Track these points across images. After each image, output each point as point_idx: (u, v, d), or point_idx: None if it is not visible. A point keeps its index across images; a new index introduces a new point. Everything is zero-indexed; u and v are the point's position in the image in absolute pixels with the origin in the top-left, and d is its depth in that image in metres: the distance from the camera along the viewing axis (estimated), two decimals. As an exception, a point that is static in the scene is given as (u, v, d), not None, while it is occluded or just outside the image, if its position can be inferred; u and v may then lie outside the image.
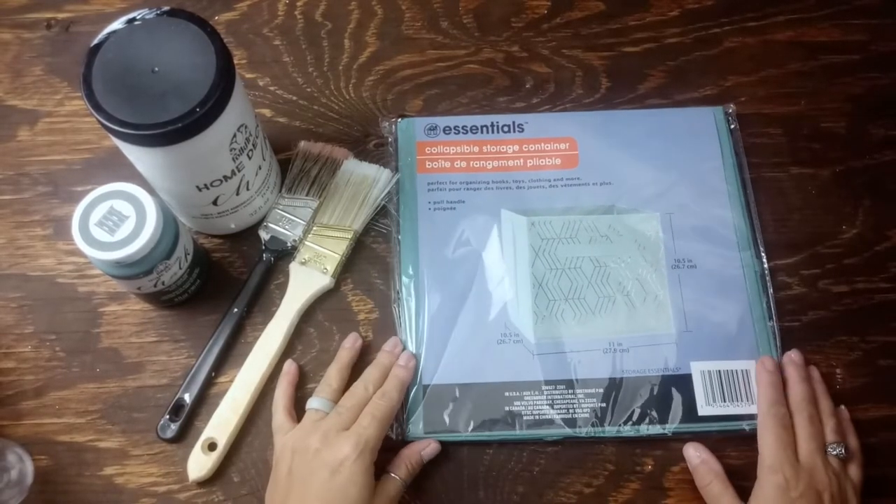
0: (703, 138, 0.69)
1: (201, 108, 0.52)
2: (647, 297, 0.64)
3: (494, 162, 0.68)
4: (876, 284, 0.66)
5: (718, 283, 0.64)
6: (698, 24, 0.75)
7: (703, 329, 0.63)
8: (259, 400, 0.62)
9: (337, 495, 0.53)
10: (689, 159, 0.68)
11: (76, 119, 0.71)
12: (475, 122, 0.70)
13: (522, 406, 0.61)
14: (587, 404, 0.60)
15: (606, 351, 0.62)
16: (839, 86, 0.73)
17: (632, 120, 0.70)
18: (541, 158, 0.69)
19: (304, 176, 0.68)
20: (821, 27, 0.75)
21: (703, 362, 0.62)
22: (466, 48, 0.74)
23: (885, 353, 0.64)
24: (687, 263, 0.65)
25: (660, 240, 0.66)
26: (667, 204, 0.67)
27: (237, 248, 0.67)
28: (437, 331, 0.63)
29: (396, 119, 0.70)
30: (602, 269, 0.64)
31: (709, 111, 0.71)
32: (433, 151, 0.69)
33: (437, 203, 0.67)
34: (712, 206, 0.67)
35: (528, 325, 0.63)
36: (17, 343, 0.64)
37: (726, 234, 0.66)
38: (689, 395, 0.61)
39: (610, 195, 0.67)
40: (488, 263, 0.65)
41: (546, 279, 0.64)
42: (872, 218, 0.68)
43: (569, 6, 0.76)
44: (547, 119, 0.71)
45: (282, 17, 0.75)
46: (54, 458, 0.61)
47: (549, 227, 0.66)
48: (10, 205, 0.69)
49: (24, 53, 0.74)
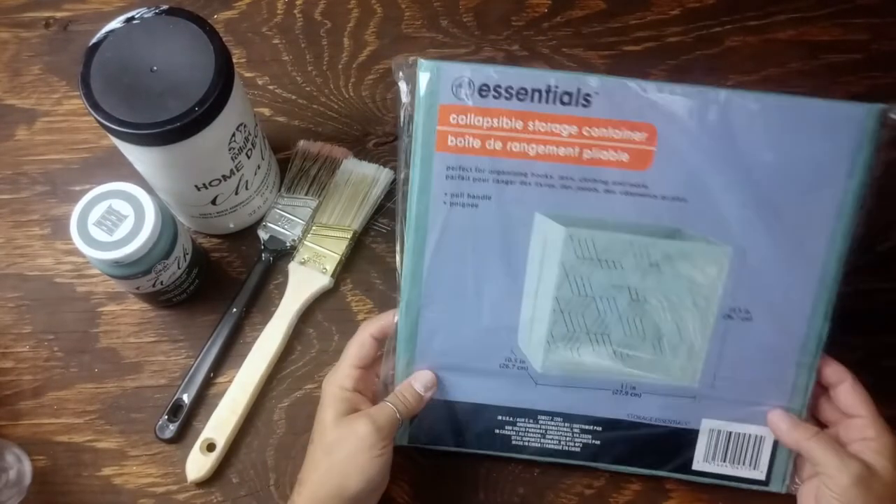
0: (832, 153, 0.50)
1: (200, 107, 0.52)
2: (681, 346, 0.53)
3: (540, 147, 0.50)
4: (879, 285, 0.66)
5: (771, 346, 0.53)
6: (699, 23, 0.75)
7: (731, 389, 0.54)
8: (258, 400, 0.62)
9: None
10: (804, 182, 0.51)
11: (74, 118, 0.71)
12: (524, 83, 0.50)
13: (513, 432, 0.56)
14: (580, 439, 0.56)
15: (616, 392, 0.55)
16: (841, 85, 0.72)
17: (745, 108, 0.50)
18: (603, 150, 0.50)
19: (304, 175, 0.67)
20: (822, 26, 0.74)
21: (716, 421, 0.55)
22: (466, 47, 0.74)
23: (888, 354, 0.64)
24: (742, 314, 0.53)
25: (720, 281, 0.52)
26: (746, 237, 0.51)
27: (236, 248, 0.67)
28: (435, 346, 0.55)
29: (414, 60, 0.50)
30: (638, 306, 0.52)
31: (856, 112, 0.49)
32: (460, 122, 0.50)
33: (456, 196, 0.51)
34: (803, 252, 0.51)
35: (537, 355, 0.54)
36: (15, 343, 0.64)
37: (803, 290, 0.52)
38: (689, 450, 0.56)
39: (679, 215, 0.51)
40: (506, 278, 0.53)
41: (571, 307, 0.53)
42: (874, 218, 0.68)
43: (569, 5, 0.76)
44: (627, 88, 0.50)
45: (281, 16, 0.75)
46: (52, 459, 0.61)
47: (590, 246, 0.51)
48: (8, 204, 0.69)
49: (22, 52, 0.74)
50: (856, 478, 0.50)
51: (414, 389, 0.55)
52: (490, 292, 0.53)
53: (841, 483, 0.50)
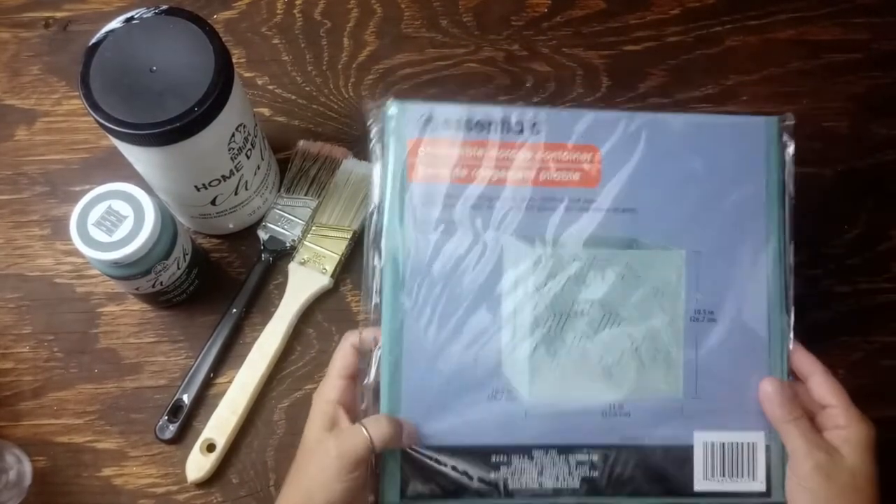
0: (747, 156, 0.56)
1: (199, 107, 0.52)
2: (658, 355, 0.55)
3: (501, 172, 0.55)
4: (878, 285, 0.66)
5: (738, 344, 0.55)
6: (699, 23, 0.75)
7: (713, 395, 0.55)
8: (258, 400, 0.62)
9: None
10: (730, 183, 0.56)
11: (74, 118, 0.71)
12: (482, 116, 0.55)
13: (508, 473, 0.54)
14: (578, 473, 0.54)
15: (606, 414, 0.54)
16: (841, 85, 0.72)
17: (668, 127, 0.56)
18: (556, 171, 0.55)
19: (303, 175, 0.67)
20: (823, 26, 0.74)
21: (707, 433, 0.55)
22: (466, 47, 0.74)
23: (888, 354, 0.64)
24: (707, 316, 0.55)
25: (681, 285, 0.55)
26: (695, 239, 0.55)
27: (236, 249, 0.67)
28: (417, 384, 0.53)
29: (385, 102, 0.55)
30: (612, 318, 0.54)
31: (758, 123, 0.57)
32: (428, 153, 0.54)
33: (428, 224, 0.54)
34: (747, 247, 0.56)
35: (523, 381, 0.54)
36: (15, 343, 0.64)
37: (755, 285, 0.55)
38: (688, 469, 0.55)
39: (633, 225, 0.55)
40: (482, 304, 0.54)
41: (548, 327, 0.54)
42: (875, 218, 0.68)
43: (569, 4, 0.75)
44: (567, 118, 0.56)
45: (280, 16, 0.75)
46: (52, 460, 0.61)
47: (559, 263, 0.54)
48: (7, 205, 0.69)
49: (21, 52, 0.74)
50: (818, 465, 0.51)
51: (395, 419, 0.52)
52: (470, 319, 0.54)
53: (804, 468, 0.51)
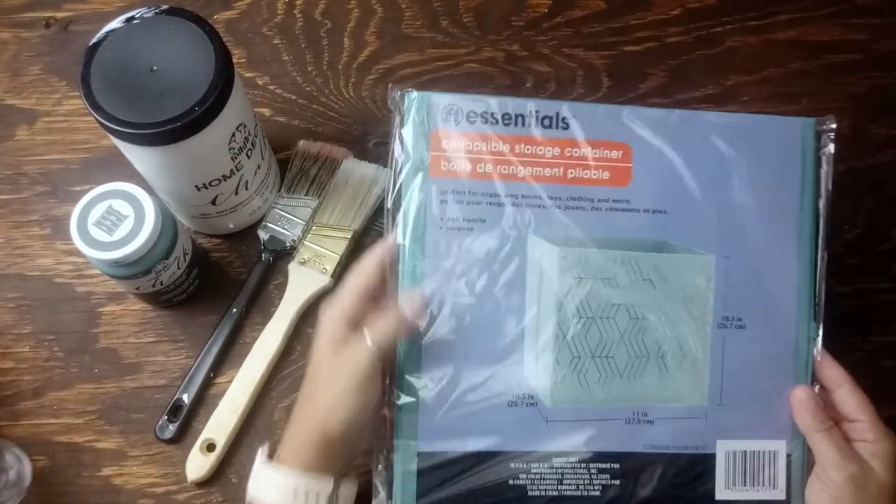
0: (783, 159, 0.55)
1: (200, 107, 0.52)
2: (685, 362, 0.53)
3: (527, 169, 0.53)
4: (878, 285, 0.66)
5: (765, 351, 0.54)
6: (700, 23, 0.75)
7: (738, 403, 0.54)
8: (258, 400, 0.62)
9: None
10: (764, 186, 0.55)
11: (74, 118, 0.71)
12: (510, 109, 0.53)
13: (528, 480, 0.53)
14: (599, 481, 0.53)
15: (629, 421, 0.53)
16: (841, 85, 0.72)
17: (703, 125, 0.54)
18: (586, 169, 0.53)
19: (304, 175, 0.67)
20: (823, 26, 0.74)
21: (730, 441, 0.54)
22: (466, 47, 0.74)
23: (888, 354, 0.64)
24: (736, 323, 0.54)
25: (710, 290, 0.53)
26: (727, 244, 0.54)
27: (236, 248, 0.67)
28: (435, 387, 0.52)
29: (407, 92, 0.53)
30: (638, 323, 0.53)
31: (795, 124, 0.55)
32: (452, 147, 0.52)
33: (451, 220, 0.52)
34: (777, 253, 0.54)
35: (545, 386, 0.52)
36: (16, 343, 0.64)
37: (786, 292, 0.54)
38: (710, 477, 0.54)
39: (663, 227, 0.53)
40: (505, 305, 0.52)
41: (573, 330, 0.52)
42: (875, 218, 0.68)
43: (570, 5, 0.75)
44: (599, 113, 0.54)
45: (281, 16, 0.75)
46: (52, 459, 0.61)
47: (585, 263, 0.52)
48: (8, 204, 0.69)
49: (22, 52, 0.74)
50: (851, 476, 0.51)
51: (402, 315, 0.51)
52: (491, 321, 0.52)
53: (837, 478, 0.51)
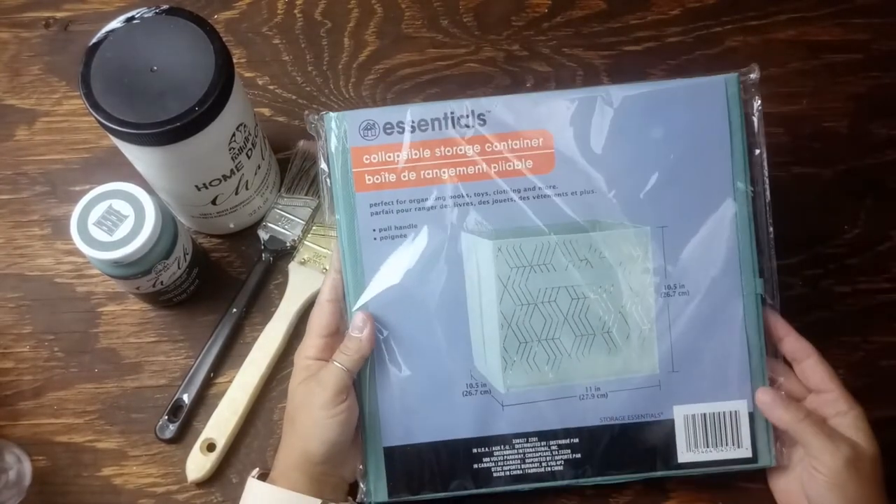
0: (709, 120, 0.55)
1: (200, 107, 0.52)
2: (631, 334, 0.55)
3: (451, 170, 0.54)
4: (878, 285, 0.66)
5: (713, 314, 0.55)
6: (700, 23, 0.75)
7: (691, 368, 0.55)
8: (258, 400, 0.62)
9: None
10: (693, 150, 0.55)
11: (74, 118, 0.71)
12: (424, 115, 0.54)
13: (492, 463, 0.55)
14: (560, 456, 0.55)
15: (583, 397, 0.55)
16: (841, 85, 0.72)
17: (622, 100, 0.54)
18: (508, 161, 0.54)
19: (304, 175, 0.67)
20: (822, 26, 0.74)
21: (687, 405, 0.55)
22: (466, 47, 0.74)
23: (888, 354, 0.64)
24: (679, 290, 0.55)
25: (648, 261, 0.54)
26: (660, 213, 0.54)
27: (236, 248, 0.67)
28: (393, 385, 0.55)
29: (322, 114, 0.55)
30: (580, 303, 0.54)
31: (719, 81, 0.55)
32: (373, 160, 0.54)
33: (383, 231, 0.54)
34: (713, 215, 0.55)
35: (496, 373, 0.54)
36: (16, 343, 0.64)
37: (727, 252, 0.55)
38: (671, 442, 0.55)
39: (592, 207, 0.54)
40: (448, 302, 0.55)
41: (516, 317, 0.54)
42: (874, 218, 0.68)
43: (570, 5, 0.75)
44: (515, 103, 0.55)
45: (281, 16, 0.75)
46: (52, 459, 0.61)
47: (519, 253, 0.54)
48: (7, 204, 0.69)
49: (22, 52, 0.74)
50: (847, 459, 0.50)
51: (351, 336, 0.54)
52: (438, 319, 0.55)
53: (833, 466, 0.50)
